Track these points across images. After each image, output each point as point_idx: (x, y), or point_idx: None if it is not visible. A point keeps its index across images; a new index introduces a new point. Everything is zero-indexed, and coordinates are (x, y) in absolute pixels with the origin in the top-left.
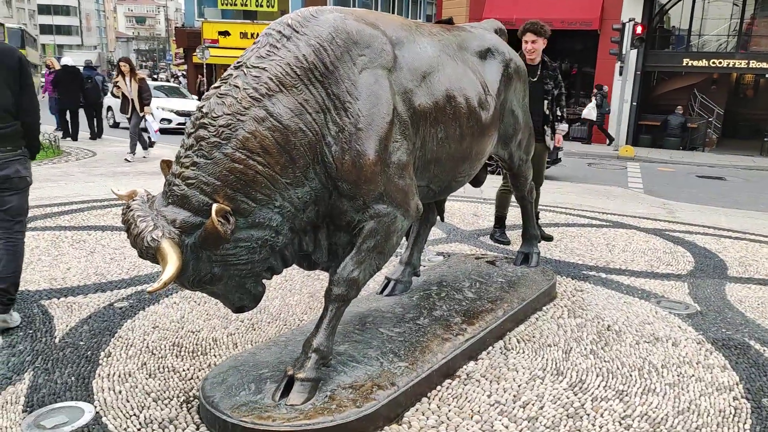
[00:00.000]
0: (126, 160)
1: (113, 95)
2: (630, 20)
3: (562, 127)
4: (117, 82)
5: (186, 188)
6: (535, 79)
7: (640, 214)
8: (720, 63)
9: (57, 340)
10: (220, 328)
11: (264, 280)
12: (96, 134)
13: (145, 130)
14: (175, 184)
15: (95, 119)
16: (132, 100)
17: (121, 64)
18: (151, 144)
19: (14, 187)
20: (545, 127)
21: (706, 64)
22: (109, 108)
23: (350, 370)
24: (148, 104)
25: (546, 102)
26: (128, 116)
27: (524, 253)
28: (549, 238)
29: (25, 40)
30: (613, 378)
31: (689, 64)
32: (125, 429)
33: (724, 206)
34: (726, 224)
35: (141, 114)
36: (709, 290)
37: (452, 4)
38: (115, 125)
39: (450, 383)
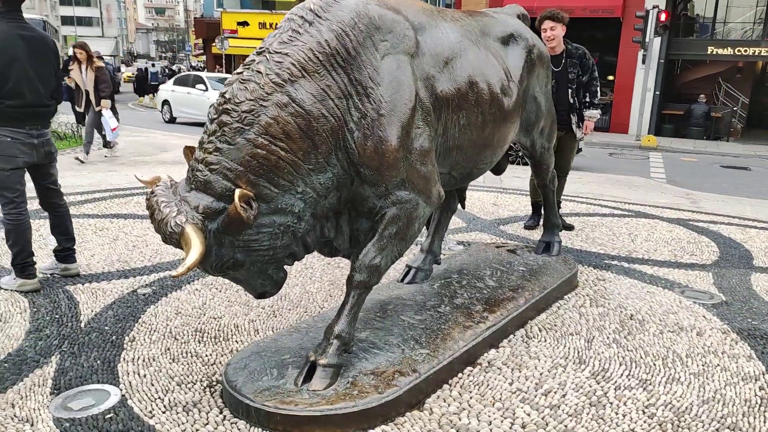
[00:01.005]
0: (77, 159)
1: (67, 86)
2: (654, 7)
3: (590, 114)
4: (71, 70)
5: (209, 174)
6: (559, 69)
7: (663, 203)
8: (745, 51)
9: (83, 325)
10: (241, 314)
11: (285, 267)
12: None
13: (101, 127)
14: (198, 170)
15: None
16: (87, 92)
17: (77, 50)
18: (109, 144)
19: (54, 160)
20: (571, 116)
21: (731, 53)
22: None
23: (372, 356)
24: (106, 97)
25: (570, 91)
26: (82, 110)
27: (545, 242)
28: (570, 227)
29: (47, 31)
30: (636, 367)
31: (714, 52)
32: (150, 412)
33: (749, 196)
34: (751, 214)
35: (97, 108)
36: (735, 280)
37: None
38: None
39: (471, 371)
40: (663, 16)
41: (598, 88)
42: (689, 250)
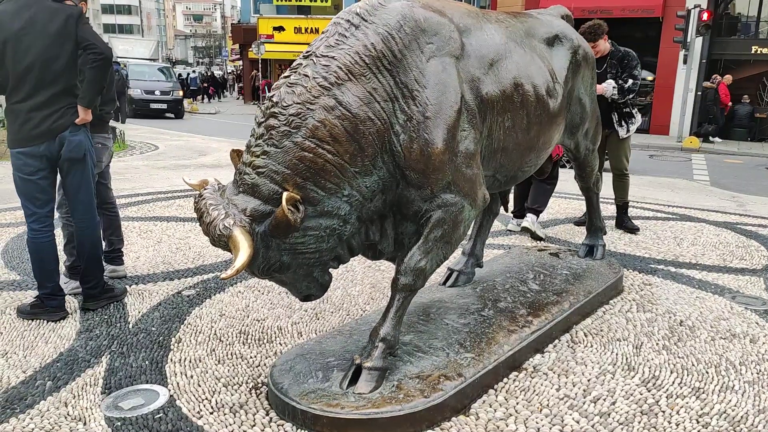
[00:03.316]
0: None
1: None
2: (695, 7)
3: (605, 83)
4: None
5: (256, 177)
6: (601, 70)
7: (709, 206)
8: None
9: (131, 326)
10: (284, 317)
11: (330, 269)
12: (121, 120)
13: None
14: (245, 173)
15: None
16: None
17: None
18: None
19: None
20: (612, 114)
21: None
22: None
23: (416, 360)
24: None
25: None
26: None
27: (589, 245)
28: (635, 230)
29: None
30: (688, 375)
31: (758, 52)
32: (198, 412)
33: None
34: None
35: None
36: None
37: None
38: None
39: (517, 375)
40: (705, 16)
41: (631, 83)
42: (738, 255)
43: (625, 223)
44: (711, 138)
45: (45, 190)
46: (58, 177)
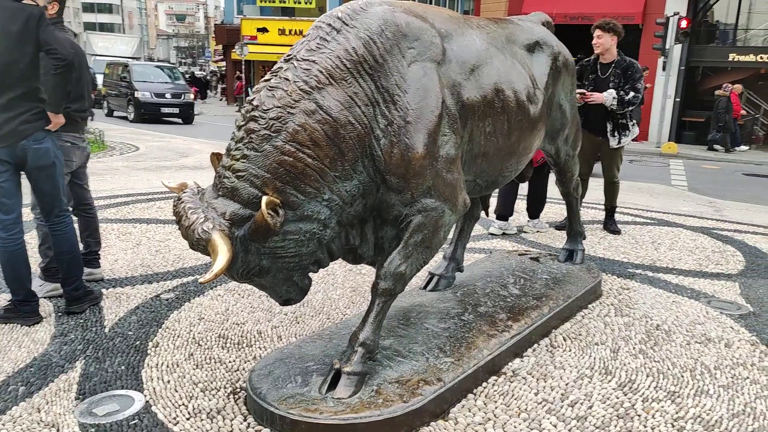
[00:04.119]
0: None
1: None
2: (674, 14)
3: (606, 93)
4: None
5: (236, 180)
6: (604, 77)
7: (686, 212)
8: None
9: (107, 330)
10: (264, 320)
11: (310, 274)
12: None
13: None
14: (225, 177)
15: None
16: None
17: None
18: None
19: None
20: (607, 123)
21: (753, 59)
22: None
23: (396, 364)
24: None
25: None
26: None
27: (569, 250)
28: (617, 232)
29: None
30: (664, 378)
31: (735, 59)
32: (175, 418)
33: None
34: None
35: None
36: (762, 290)
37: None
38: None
39: (496, 380)
40: (683, 23)
41: (632, 96)
42: (714, 260)
43: (608, 225)
44: (716, 147)
45: (9, 193)
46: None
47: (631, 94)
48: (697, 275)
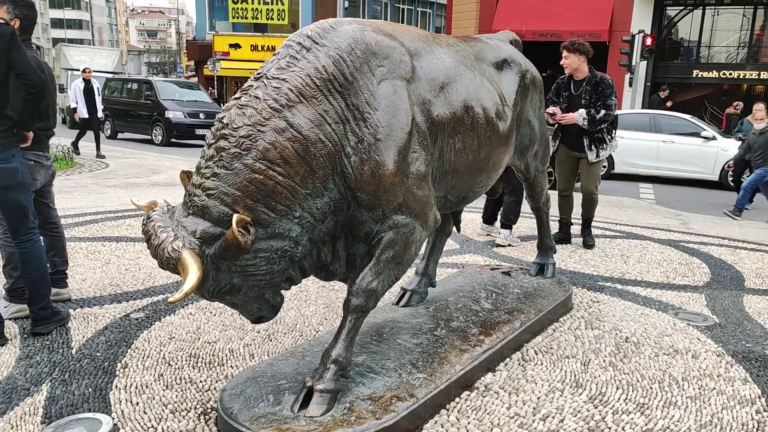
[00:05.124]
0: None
1: None
2: (639, 32)
3: (577, 113)
4: None
5: (206, 199)
6: (576, 93)
7: (654, 224)
8: (730, 74)
9: (74, 351)
10: (236, 338)
11: (282, 291)
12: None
13: None
14: (195, 195)
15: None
16: None
17: None
18: None
19: (53, 179)
20: (583, 138)
21: (716, 75)
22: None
23: (369, 381)
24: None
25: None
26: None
27: (540, 263)
28: (590, 246)
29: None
30: (633, 391)
31: (699, 76)
32: None
33: (738, 217)
34: (740, 235)
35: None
36: (727, 302)
37: (462, 17)
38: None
39: (468, 395)
40: (648, 41)
41: (604, 114)
42: (681, 272)
43: (584, 236)
44: None
45: None
46: None
47: (602, 112)
48: (664, 287)
